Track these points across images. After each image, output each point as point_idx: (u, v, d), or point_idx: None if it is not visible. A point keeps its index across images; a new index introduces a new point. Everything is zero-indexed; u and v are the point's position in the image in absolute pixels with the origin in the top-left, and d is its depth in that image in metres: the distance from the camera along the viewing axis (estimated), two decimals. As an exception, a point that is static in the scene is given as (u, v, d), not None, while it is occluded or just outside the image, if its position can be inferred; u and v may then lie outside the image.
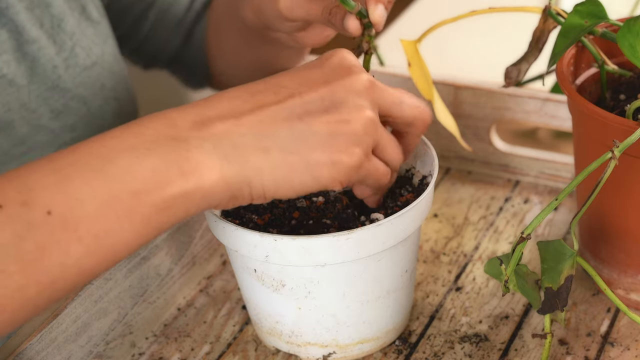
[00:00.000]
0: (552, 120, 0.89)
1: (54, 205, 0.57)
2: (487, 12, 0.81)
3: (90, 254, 0.58)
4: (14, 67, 0.85)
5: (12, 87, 0.85)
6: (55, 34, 0.89)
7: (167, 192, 0.59)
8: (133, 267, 0.77)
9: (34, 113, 0.86)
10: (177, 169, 0.60)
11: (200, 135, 0.61)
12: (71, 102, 0.90)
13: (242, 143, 0.61)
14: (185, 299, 0.82)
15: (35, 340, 0.69)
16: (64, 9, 0.90)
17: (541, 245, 0.69)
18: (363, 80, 0.65)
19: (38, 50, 0.87)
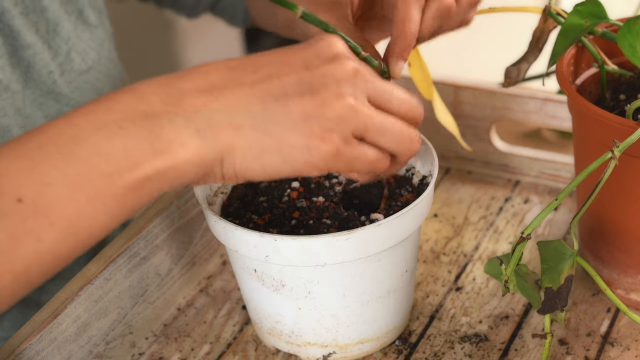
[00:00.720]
0: (552, 120, 0.89)
1: (24, 192, 0.56)
2: (488, 12, 0.81)
3: (64, 238, 0.57)
4: (8, 72, 0.85)
5: (6, 93, 0.85)
6: (50, 39, 0.89)
7: (140, 172, 0.58)
8: (133, 267, 0.77)
9: (28, 118, 0.86)
10: (149, 148, 0.58)
11: (172, 109, 0.60)
12: (66, 107, 0.89)
13: (214, 119, 0.60)
14: (185, 299, 0.82)
15: (35, 340, 0.69)
16: (59, 13, 0.90)
17: (541, 245, 0.69)
18: (346, 68, 0.63)
19: (33, 56, 0.87)
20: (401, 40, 0.72)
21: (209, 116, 0.60)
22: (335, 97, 0.62)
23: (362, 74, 0.63)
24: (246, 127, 0.60)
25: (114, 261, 0.75)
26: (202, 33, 1.76)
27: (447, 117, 0.89)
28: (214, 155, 0.60)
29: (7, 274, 0.56)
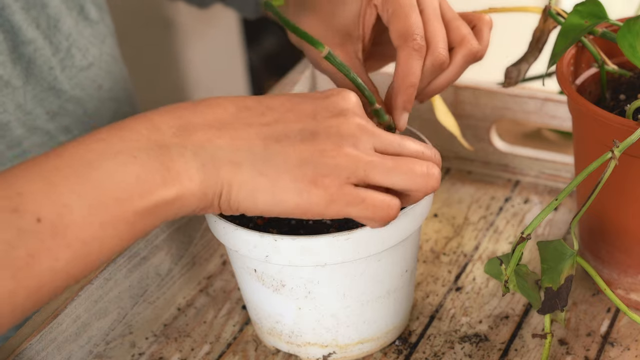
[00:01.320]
0: (552, 120, 0.89)
1: (43, 212, 0.57)
2: (487, 12, 0.81)
3: (77, 259, 0.58)
4: (9, 68, 0.85)
5: (7, 89, 0.85)
6: (51, 34, 0.89)
7: (150, 200, 0.60)
8: (133, 267, 0.77)
9: (29, 114, 0.86)
10: (160, 178, 0.60)
11: (182, 142, 0.62)
12: (67, 103, 0.90)
13: (218, 155, 0.62)
14: (185, 299, 0.82)
15: (35, 340, 0.69)
16: (60, 9, 0.90)
17: (541, 245, 0.69)
18: (351, 124, 0.64)
19: (34, 51, 0.87)
20: (403, 93, 0.73)
21: (213, 152, 0.62)
22: (334, 146, 0.63)
23: (367, 130, 0.65)
24: (244, 166, 0.62)
25: (114, 261, 0.75)
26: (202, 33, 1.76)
27: (447, 117, 0.89)
28: (214, 189, 0.62)
29: (22, 291, 0.57)
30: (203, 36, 1.76)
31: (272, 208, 0.63)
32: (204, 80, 1.90)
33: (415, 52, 0.73)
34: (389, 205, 0.64)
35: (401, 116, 0.74)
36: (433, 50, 0.74)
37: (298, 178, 0.62)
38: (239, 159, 0.62)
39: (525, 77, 0.83)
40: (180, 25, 1.71)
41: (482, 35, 0.77)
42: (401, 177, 0.64)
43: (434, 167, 0.66)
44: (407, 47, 0.73)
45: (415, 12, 0.74)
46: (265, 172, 0.62)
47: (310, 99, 0.66)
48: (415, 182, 0.65)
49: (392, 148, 0.65)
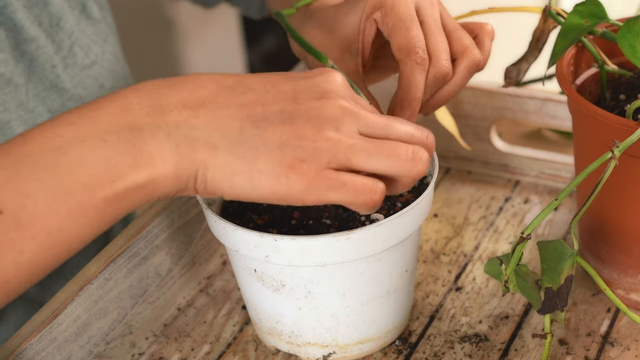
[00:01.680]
0: (551, 120, 0.89)
1: (6, 204, 0.56)
2: (487, 12, 0.81)
3: (44, 251, 0.57)
4: (11, 66, 0.85)
5: (9, 87, 0.84)
6: (53, 32, 0.89)
7: (121, 185, 0.58)
8: (133, 267, 0.77)
9: (31, 112, 0.86)
10: (131, 161, 0.59)
11: (156, 122, 0.60)
12: (69, 102, 0.89)
13: (193, 136, 0.60)
14: (185, 299, 0.82)
15: (35, 340, 0.69)
16: (63, 7, 0.90)
17: (541, 245, 0.69)
18: (333, 106, 0.62)
19: (36, 49, 0.87)
20: (407, 107, 0.73)
21: (188, 132, 0.60)
22: (314, 130, 0.61)
23: (351, 112, 0.62)
24: (221, 148, 0.61)
25: (114, 261, 0.75)
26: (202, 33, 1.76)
27: (446, 117, 0.89)
28: (189, 171, 0.61)
29: None
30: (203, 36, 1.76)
31: (250, 192, 0.61)
32: (204, 80, 1.89)
33: (418, 65, 0.73)
34: (371, 189, 0.62)
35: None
36: (436, 62, 0.74)
37: (276, 162, 0.60)
38: (215, 140, 0.60)
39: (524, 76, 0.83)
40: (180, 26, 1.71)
41: (483, 45, 0.77)
42: (385, 161, 0.62)
43: (421, 150, 0.63)
44: (410, 60, 0.73)
45: (416, 25, 0.74)
46: (243, 155, 0.60)
47: (293, 79, 0.64)
48: (400, 166, 0.63)
49: (379, 130, 0.63)
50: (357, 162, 0.62)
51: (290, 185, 0.61)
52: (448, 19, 0.77)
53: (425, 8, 0.75)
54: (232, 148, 0.61)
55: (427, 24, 0.75)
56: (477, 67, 0.76)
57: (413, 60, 0.73)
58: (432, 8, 0.76)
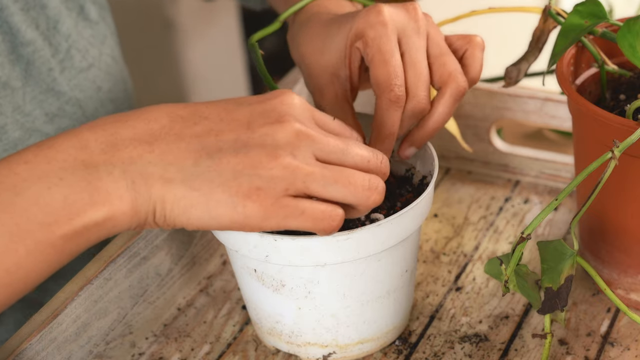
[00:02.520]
0: (552, 120, 0.89)
1: None
2: (487, 12, 0.81)
3: (2, 287, 0.57)
4: (7, 69, 0.84)
5: (5, 90, 0.84)
6: (50, 35, 0.88)
7: (78, 222, 0.59)
8: (133, 267, 0.77)
9: (28, 116, 0.86)
10: (88, 199, 0.59)
11: (110, 160, 0.60)
12: (66, 105, 0.89)
13: (148, 171, 0.61)
14: (185, 299, 0.82)
15: (35, 340, 0.69)
16: (60, 10, 0.89)
17: (541, 245, 0.69)
18: (288, 130, 0.62)
19: (33, 53, 0.86)
20: (381, 143, 0.72)
21: (143, 168, 0.61)
22: (269, 157, 0.61)
23: (306, 135, 0.62)
24: (176, 181, 0.61)
25: (114, 261, 0.75)
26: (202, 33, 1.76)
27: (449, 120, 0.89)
28: (147, 207, 0.61)
29: None
30: (203, 36, 1.76)
31: (208, 223, 0.62)
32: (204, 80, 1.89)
33: (393, 103, 0.71)
34: (330, 215, 0.63)
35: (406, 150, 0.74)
36: (412, 97, 0.72)
37: (232, 192, 0.61)
38: (170, 174, 0.61)
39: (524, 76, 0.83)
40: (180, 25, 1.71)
41: (474, 58, 0.75)
42: (342, 190, 0.63)
43: (376, 179, 0.64)
44: (384, 98, 0.71)
45: (394, 58, 0.72)
46: (198, 187, 0.61)
47: (247, 104, 0.63)
48: (357, 196, 0.63)
49: (334, 155, 0.63)
50: (314, 190, 0.62)
51: (247, 214, 0.61)
52: (435, 43, 0.74)
53: (409, 37, 0.73)
54: (187, 181, 0.61)
55: (409, 55, 0.73)
56: (462, 94, 0.74)
57: (387, 97, 0.71)
58: (417, 36, 0.73)
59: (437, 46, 0.74)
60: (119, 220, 0.60)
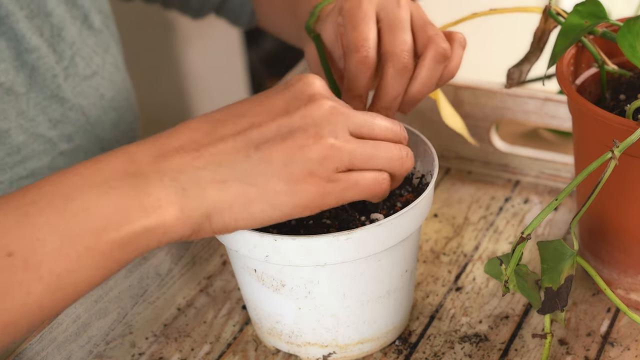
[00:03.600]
0: (552, 120, 0.89)
1: (15, 246, 0.57)
2: (488, 14, 0.81)
3: (51, 292, 0.58)
4: (12, 75, 0.85)
5: (9, 96, 0.85)
6: (55, 43, 0.89)
7: (128, 229, 0.59)
8: (133, 267, 0.77)
9: (32, 121, 0.86)
10: (139, 206, 0.60)
11: (159, 168, 0.61)
12: (70, 111, 0.90)
13: (200, 176, 0.61)
14: (185, 299, 0.82)
15: (35, 340, 0.69)
16: (64, 17, 0.90)
17: (541, 245, 0.69)
18: (323, 108, 0.64)
19: (38, 59, 0.87)
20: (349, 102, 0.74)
21: (193, 175, 0.61)
22: (315, 139, 0.63)
23: (339, 111, 0.64)
24: (230, 181, 0.62)
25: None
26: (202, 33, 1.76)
27: (454, 117, 0.89)
28: (201, 212, 0.61)
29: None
30: (203, 37, 1.76)
31: (271, 215, 0.63)
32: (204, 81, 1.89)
33: (359, 64, 0.73)
34: (380, 181, 0.65)
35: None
36: (390, 55, 0.74)
37: (288, 179, 0.62)
38: (222, 175, 0.61)
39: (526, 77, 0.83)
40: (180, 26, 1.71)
41: (454, 54, 0.77)
42: (381, 162, 0.65)
43: (405, 148, 0.67)
44: (352, 59, 0.74)
45: (365, 24, 0.74)
46: (254, 182, 0.62)
47: (277, 93, 0.65)
48: (393, 165, 0.66)
49: (365, 129, 0.65)
50: (357, 165, 0.64)
51: (307, 197, 0.63)
52: (417, 16, 0.77)
53: (388, 9, 0.76)
54: (241, 178, 0.62)
55: (387, 22, 0.75)
56: (443, 57, 0.75)
57: (355, 59, 0.73)
58: (397, 8, 0.76)
59: (419, 19, 0.77)
60: (171, 227, 0.61)
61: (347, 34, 0.75)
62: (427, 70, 0.75)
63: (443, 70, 0.76)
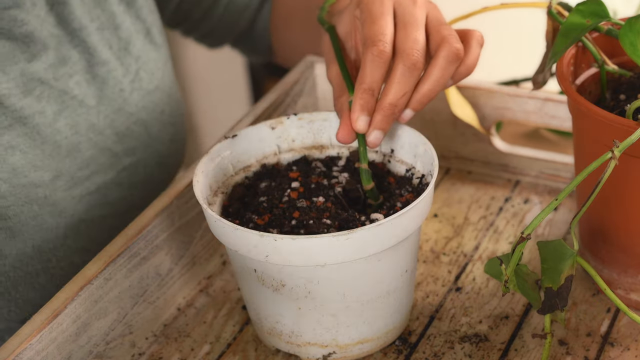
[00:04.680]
0: (552, 120, 0.89)
1: None
2: (499, 8, 0.81)
3: None
4: (84, 87, 0.86)
5: (82, 108, 0.85)
6: (122, 56, 0.90)
7: None
8: (133, 267, 0.77)
9: (100, 135, 0.87)
10: None
11: None
12: (134, 125, 0.90)
13: None
14: (185, 299, 0.82)
15: (35, 340, 0.69)
16: (131, 31, 0.91)
17: (541, 245, 0.69)
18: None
19: (108, 72, 0.88)
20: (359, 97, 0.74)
21: None
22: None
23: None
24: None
25: (114, 261, 0.75)
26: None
27: (464, 108, 0.89)
28: None
29: None
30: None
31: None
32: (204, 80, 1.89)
33: (376, 57, 0.73)
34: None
35: (358, 119, 0.74)
36: (402, 52, 0.74)
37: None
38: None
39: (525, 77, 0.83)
40: (180, 26, 1.71)
41: (470, 50, 0.77)
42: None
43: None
44: (368, 52, 0.74)
45: (383, 19, 0.75)
46: None
47: None
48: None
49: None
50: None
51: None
52: (433, 16, 0.77)
53: (404, 6, 0.76)
54: None
55: (402, 19, 0.76)
56: (457, 57, 0.75)
57: (370, 52, 0.74)
58: (413, 6, 0.76)
59: (435, 19, 0.77)
60: None
61: (365, 28, 0.75)
62: (438, 69, 0.75)
63: (457, 69, 0.76)
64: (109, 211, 0.88)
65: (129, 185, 0.90)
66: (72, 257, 0.86)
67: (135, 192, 0.91)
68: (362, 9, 0.76)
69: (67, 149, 0.84)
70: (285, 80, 0.94)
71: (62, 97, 0.84)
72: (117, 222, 0.89)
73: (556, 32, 0.79)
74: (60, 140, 0.84)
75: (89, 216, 0.87)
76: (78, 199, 0.85)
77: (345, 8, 0.80)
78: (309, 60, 0.96)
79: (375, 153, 0.79)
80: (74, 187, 0.85)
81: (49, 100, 0.83)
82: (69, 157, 0.84)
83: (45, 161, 0.83)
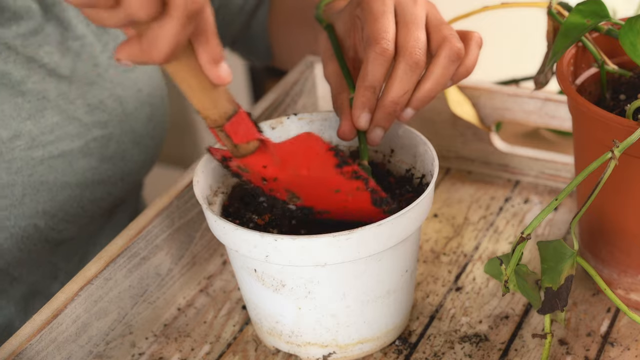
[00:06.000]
0: (552, 120, 0.89)
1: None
2: (500, 7, 0.81)
3: None
4: (57, 57, 0.87)
5: (51, 77, 0.87)
6: (100, 33, 0.91)
7: None
8: (133, 267, 0.77)
9: (71, 104, 0.88)
10: None
11: None
12: (108, 99, 0.91)
13: None
14: (185, 299, 0.82)
15: (35, 340, 0.69)
16: None
17: (541, 245, 0.69)
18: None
19: (81, 47, 0.89)
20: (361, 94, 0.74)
21: None
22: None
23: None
24: None
25: (114, 261, 0.75)
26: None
27: (462, 106, 0.89)
28: None
29: None
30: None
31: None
32: (204, 81, 1.88)
33: (378, 55, 0.74)
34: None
35: (359, 116, 0.74)
36: (403, 50, 0.74)
37: None
38: None
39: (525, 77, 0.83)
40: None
41: (468, 50, 0.77)
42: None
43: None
44: (370, 50, 0.74)
45: (385, 18, 0.75)
46: None
47: None
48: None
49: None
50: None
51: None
52: (433, 15, 0.77)
53: (405, 6, 0.76)
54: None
55: (403, 18, 0.76)
56: (458, 56, 0.75)
57: (373, 50, 0.74)
58: (414, 6, 0.76)
59: (435, 18, 0.77)
60: None
61: (367, 26, 0.75)
62: (440, 68, 0.75)
63: (457, 69, 0.76)
64: (74, 179, 0.89)
65: (100, 157, 0.91)
66: (34, 219, 0.86)
67: (108, 167, 0.92)
68: (363, 7, 0.76)
69: (30, 112, 0.85)
70: (285, 80, 0.94)
71: (30, 63, 0.86)
72: (88, 192, 0.90)
73: (556, 32, 0.79)
74: (22, 103, 0.85)
75: (51, 179, 0.87)
76: (39, 161, 0.86)
77: (345, 7, 0.80)
78: (309, 61, 0.96)
79: (375, 153, 0.79)
80: (34, 149, 0.85)
81: (15, 65, 0.85)
82: (30, 119, 0.85)
83: (6, 120, 0.84)
